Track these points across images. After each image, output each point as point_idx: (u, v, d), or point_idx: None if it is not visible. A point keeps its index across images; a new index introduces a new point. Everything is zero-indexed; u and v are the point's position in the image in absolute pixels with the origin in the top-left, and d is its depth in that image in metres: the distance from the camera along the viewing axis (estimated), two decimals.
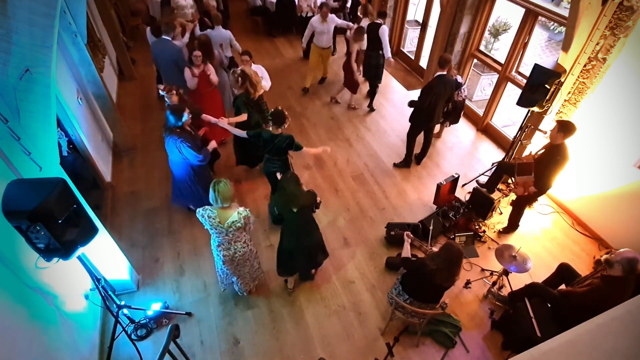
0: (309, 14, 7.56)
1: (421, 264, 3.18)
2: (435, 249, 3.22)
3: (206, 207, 3.09)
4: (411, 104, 5.09)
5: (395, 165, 5.53)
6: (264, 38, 8.89)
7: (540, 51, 9.78)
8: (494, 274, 4.02)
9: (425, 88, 4.76)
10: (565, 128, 3.67)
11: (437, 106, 4.83)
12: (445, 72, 4.65)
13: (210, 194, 2.98)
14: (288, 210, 3.24)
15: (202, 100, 4.91)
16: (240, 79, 4.28)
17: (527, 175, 3.90)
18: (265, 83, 4.97)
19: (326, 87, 7.24)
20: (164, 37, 5.14)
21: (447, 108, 5.42)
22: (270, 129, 3.82)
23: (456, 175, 4.63)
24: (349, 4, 8.31)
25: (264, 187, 4.95)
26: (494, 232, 4.56)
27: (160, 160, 5.47)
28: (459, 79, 5.22)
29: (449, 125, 5.81)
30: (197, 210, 3.11)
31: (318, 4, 7.45)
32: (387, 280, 4.03)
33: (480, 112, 6.20)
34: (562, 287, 3.49)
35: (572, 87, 4.26)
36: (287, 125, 3.78)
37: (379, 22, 5.86)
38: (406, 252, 3.46)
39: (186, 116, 3.73)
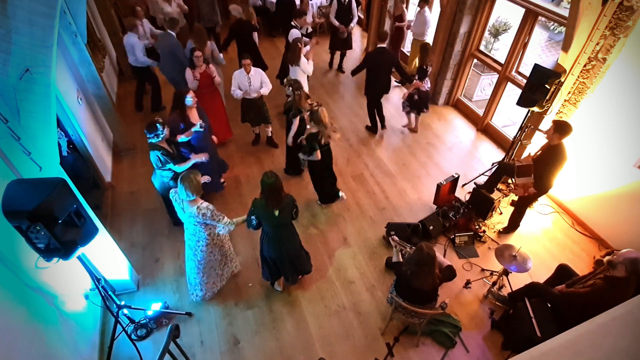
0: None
1: (400, 268, 3.21)
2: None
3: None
4: (352, 72, 5.79)
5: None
6: (264, 38, 8.88)
7: (540, 51, 9.77)
8: (494, 274, 4.02)
9: (364, 57, 5.46)
10: (561, 128, 3.67)
11: (377, 76, 5.44)
12: (385, 46, 5.30)
13: (179, 187, 3.02)
14: (269, 214, 3.18)
15: (203, 100, 4.91)
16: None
17: (526, 177, 3.91)
18: (265, 89, 5.04)
19: (326, 87, 7.24)
20: (169, 31, 5.40)
21: (415, 96, 5.56)
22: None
23: (456, 175, 4.64)
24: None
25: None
26: (494, 232, 4.56)
27: None
28: (429, 69, 5.36)
29: (418, 114, 5.87)
30: (170, 191, 3.24)
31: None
32: (387, 280, 4.02)
33: (480, 112, 6.19)
34: (562, 287, 3.49)
35: (572, 87, 4.26)
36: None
37: None
38: (396, 256, 3.46)
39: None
